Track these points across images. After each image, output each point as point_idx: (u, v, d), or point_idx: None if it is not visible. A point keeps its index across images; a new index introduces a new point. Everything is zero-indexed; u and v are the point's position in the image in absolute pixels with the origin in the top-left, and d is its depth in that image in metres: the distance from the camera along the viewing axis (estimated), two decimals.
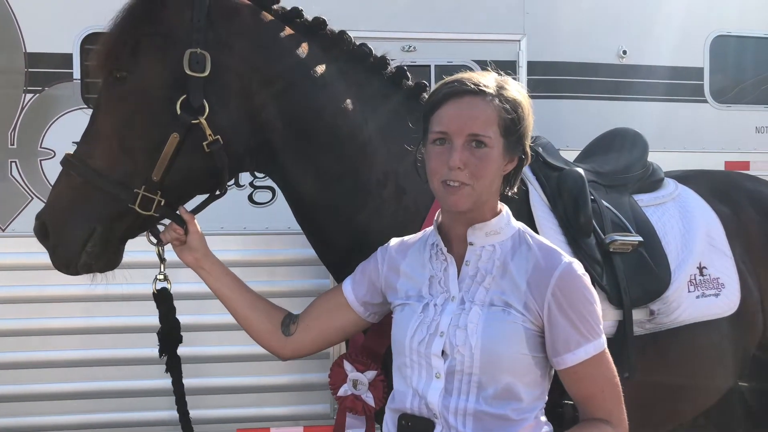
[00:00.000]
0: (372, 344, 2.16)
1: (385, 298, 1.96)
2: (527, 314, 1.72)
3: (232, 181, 2.28)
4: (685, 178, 3.13)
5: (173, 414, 2.28)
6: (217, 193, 2.20)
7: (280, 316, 2.07)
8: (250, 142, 2.16)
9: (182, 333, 2.23)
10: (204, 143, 2.05)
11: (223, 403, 3.94)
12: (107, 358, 3.85)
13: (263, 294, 2.14)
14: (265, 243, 3.93)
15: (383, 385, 2.15)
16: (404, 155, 2.14)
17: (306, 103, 2.19)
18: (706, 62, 4.47)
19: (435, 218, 1.89)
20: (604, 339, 1.76)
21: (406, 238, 1.99)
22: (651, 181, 2.99)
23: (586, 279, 1.76)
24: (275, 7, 2.27)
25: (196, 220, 2.13)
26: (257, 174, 2.87)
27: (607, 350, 1.77)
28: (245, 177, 3.86)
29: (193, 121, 2.03)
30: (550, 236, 2.36)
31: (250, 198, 3.99)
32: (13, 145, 3.86)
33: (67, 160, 2.09)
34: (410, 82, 2.39)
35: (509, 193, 1.85)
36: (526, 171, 2.55)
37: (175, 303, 2.21)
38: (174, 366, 2.23)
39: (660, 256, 2.68)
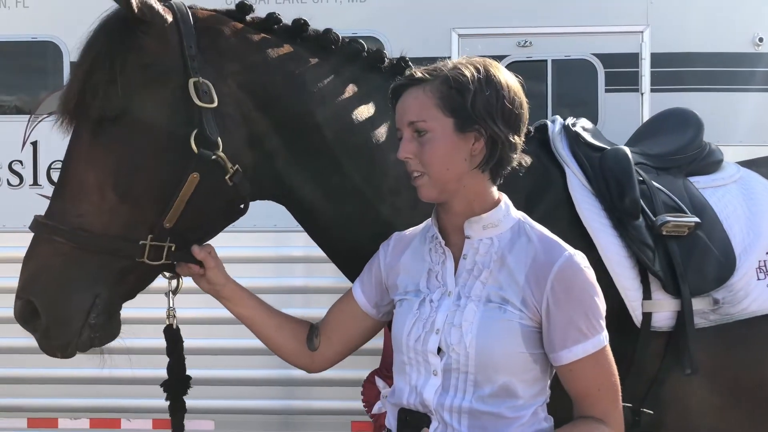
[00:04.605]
0: None
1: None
2: (525, 310, 1.68)
3: None
4: (750, 162, 2.87)
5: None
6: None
7: (305, 331, 2.00)
8: (260, 167, 2.04)
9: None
10: (227, 177, 1.92)
11: None
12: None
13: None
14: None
15: None
16: None
17: (305, 120, 2.06)
18: None
19: (434, 210, 1.85)
20: (604, 335, 1.69)
21: (407, 231, 1.95)
22: (707, 162, 2.72)
23: (589, 272, 1.70)
24: (250, 17, 2.10)
25: (213, 252, 1.97)
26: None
27: (608, 347, 1.71)
28: None
29: (213, 157, 1.88)
30: (592, 221, 2.26)
31: None
32: None
33: (46, 225, 1.82)
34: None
35: (497, 183, 1.78)
36: (564, 154, 2.41)
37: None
38: (177, 411, 2.09)
39: (722, 240, 2.44)
